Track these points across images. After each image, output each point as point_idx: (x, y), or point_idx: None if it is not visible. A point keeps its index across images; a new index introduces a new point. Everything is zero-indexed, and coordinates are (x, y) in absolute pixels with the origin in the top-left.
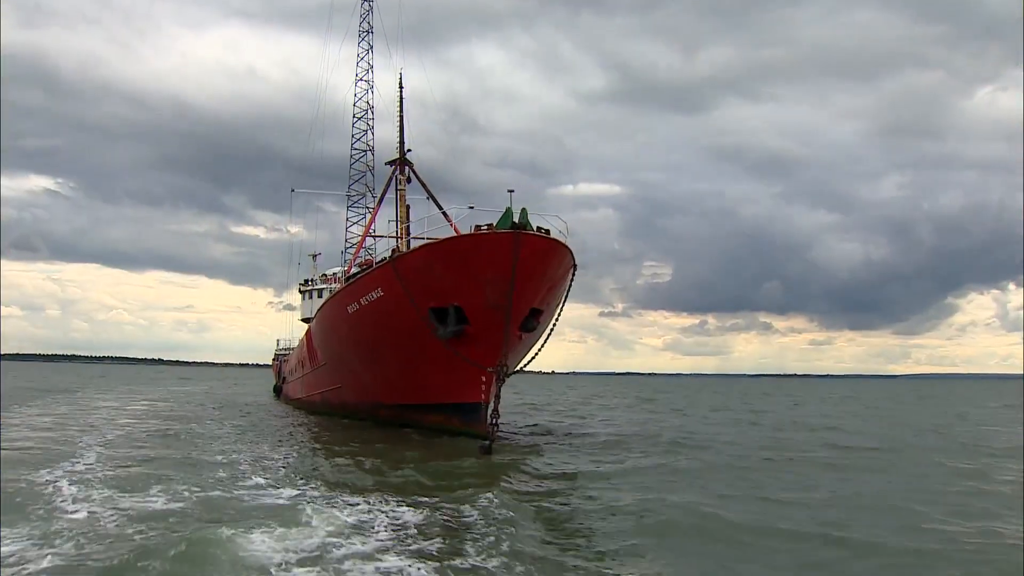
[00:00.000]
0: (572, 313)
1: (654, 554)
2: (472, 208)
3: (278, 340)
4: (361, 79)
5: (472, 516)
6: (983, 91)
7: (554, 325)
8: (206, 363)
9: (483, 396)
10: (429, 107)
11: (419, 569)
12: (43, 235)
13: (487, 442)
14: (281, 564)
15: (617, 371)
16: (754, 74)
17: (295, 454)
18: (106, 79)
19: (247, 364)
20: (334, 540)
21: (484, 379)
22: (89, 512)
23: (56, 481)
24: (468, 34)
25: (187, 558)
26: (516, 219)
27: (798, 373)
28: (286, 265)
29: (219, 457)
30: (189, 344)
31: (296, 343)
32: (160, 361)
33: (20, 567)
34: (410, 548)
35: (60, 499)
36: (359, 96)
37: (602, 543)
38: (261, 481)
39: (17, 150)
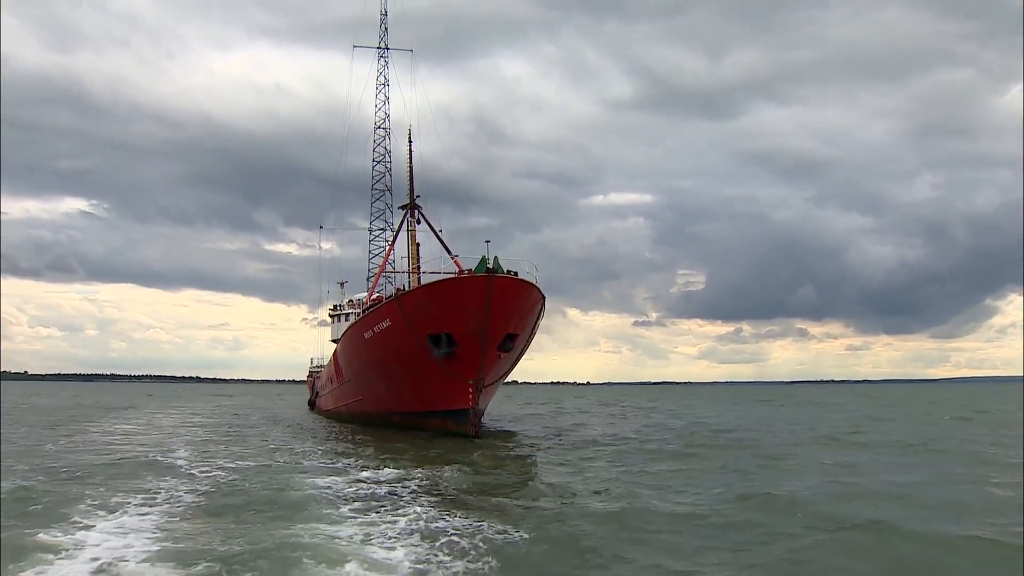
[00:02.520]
0: (606, 323)
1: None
2: (457, 256)
3: (312, 359)
4: (379, 127)
5: (448, 474)
6: (1016, 87)
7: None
8: (242, 380)
9: (471, 403)
10: (456, 120)
11: (423, 502)
12: (79, 256)
13: (471, 437)
14: (342, 499)
15: (652, 380)
16: (782, 77)
17: (333, 444)
18: (136, 99)
19: (282, 380)
20: (376, 493)
21: (471, 390)
22: (205, 472)
23: (173, 461)
24: (493, 45)
25: (281, 489)
26: (490, 265)
27: (835, 379)
28: (319, 281)
29: (277, 448)
30: (225, 361)
31: (327, 361)
32: (197, 379)
33: (180, 487)
34: (417, 492)
35: (182, 467)
36: (377, 142)
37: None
38: (314, 456)
39: (51, 172)
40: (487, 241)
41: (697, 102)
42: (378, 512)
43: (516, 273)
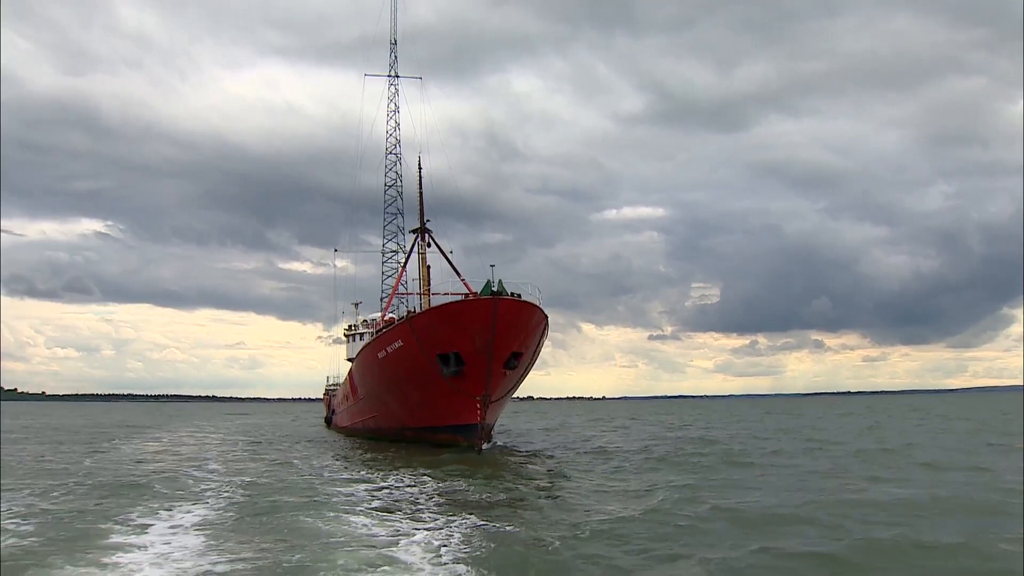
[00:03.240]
0: (621, 338)
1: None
2: (465, 279)
3: (328, 377)
4: (391, 152)
5: (457, 484)
6: None
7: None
8: (258, 399)
9: (479, 418)
10: (468, 136)
11: (435, 505)
12: (95, 277)
13: (477, 450)
14: (364, 501)
15: (669, 395)
16: (793, 88)
17: (351, 457)
18: (149, 120)
19: (298, 399)
20: (394, 497)
21: (479, 405)
22: (240, 479)
23: (208, 473)
24: (503, 61)
25: (309, 493)
26: (494, 287)
27: (852, 391)
28: (333, 300)
29: (301, 460)
30: (241, 380)
31: (343, 379)
32: (213, 398)
33: (221, 493)
34: (434, 499)
35: (217, 477)
36: (389, 167)
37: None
38: (335, 467)
39: (67, 193)
40: (492, 265)
41: (708, 115)
42: (397, 512)
43: (519, 295)
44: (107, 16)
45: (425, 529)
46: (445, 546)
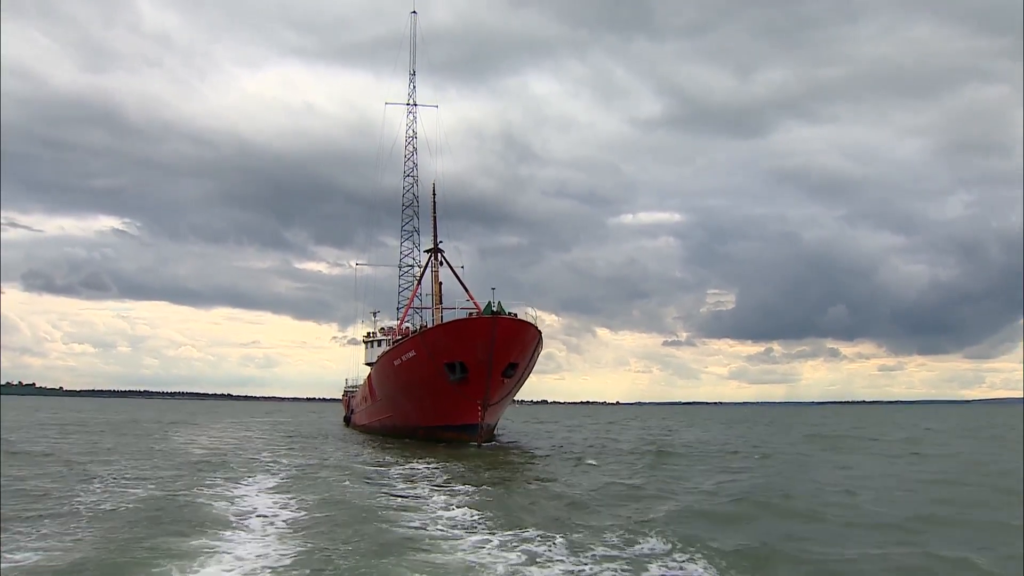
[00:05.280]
0: (636, 343)
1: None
2: (470, 297)
3: (346, 379)
4: (408, 175)
5: (461, 467)
6: None
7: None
8: (274, 398)
9: (479, 418)
10: (485, 138)
11: (446, 479)
12: (112, 274)
13: (479, 445)
14: (393, 477)
15: (683, 401)
16: (812, 94)
17: (374, 449)
18: (168, 118)
19: (313, 398)
20: (414, 475)
21: (480, 408)
22: (291, 460)
23: (260, 457)
24: (522, 64)
25: (349, 470)
26: (495, 308)
27: (867, 400)
28: (350, 300)
29: (333, 450)
30: (256, 379)
31: (361, 382)
32: (229, 396)
33: (280, 464)
34: (444, 475)
35: (271, 460)
36: (406, 188)
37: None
38: (363, 455)
39: (85, 190)
40: (493, 288)
41: (727, 120)
42: (419, 482)
43: (516, 314)
44: (129, 15)
45: (441, 493)
46: (455, 502)
